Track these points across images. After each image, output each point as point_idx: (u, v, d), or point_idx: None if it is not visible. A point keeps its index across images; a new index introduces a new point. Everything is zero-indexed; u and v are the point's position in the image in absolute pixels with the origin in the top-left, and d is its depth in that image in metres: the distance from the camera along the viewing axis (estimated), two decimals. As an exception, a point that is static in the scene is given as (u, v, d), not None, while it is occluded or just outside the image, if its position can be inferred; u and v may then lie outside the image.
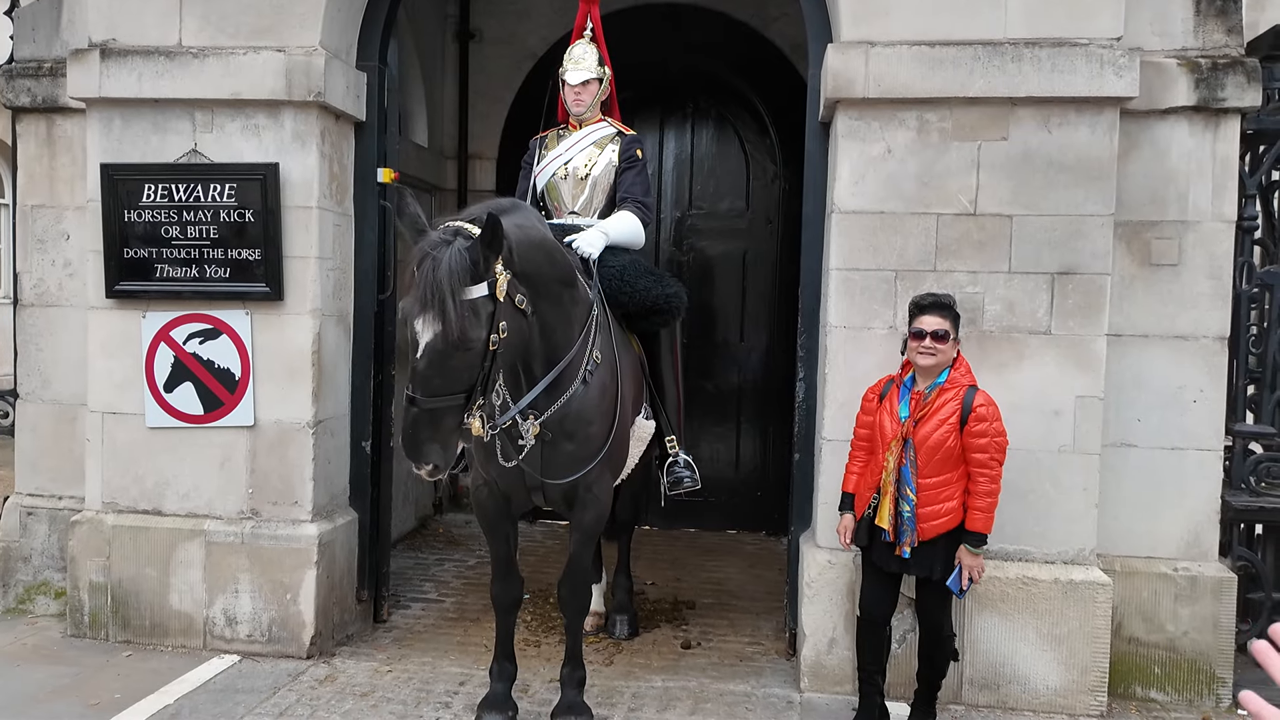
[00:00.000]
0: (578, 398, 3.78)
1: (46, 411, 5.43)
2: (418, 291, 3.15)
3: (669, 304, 4.52)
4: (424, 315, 3.14)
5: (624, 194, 4.62)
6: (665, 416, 4.59)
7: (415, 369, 3.18)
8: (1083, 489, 4.37)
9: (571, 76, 4.63)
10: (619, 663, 4.87)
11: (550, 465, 3.84)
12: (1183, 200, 4.54)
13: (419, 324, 3.16)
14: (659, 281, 4.56)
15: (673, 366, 4.73)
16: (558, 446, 3.81)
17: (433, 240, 3.21)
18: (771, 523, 7.30)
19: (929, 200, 4.37)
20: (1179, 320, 4.57)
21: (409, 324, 3.21)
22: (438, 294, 3.10)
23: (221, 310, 4.83)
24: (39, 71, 5.31)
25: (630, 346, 4.39)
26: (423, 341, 3.15)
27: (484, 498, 4.07)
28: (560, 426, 3.77)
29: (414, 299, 3.17)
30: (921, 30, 4.32)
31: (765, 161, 7.52)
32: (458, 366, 3.19)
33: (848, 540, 4.00)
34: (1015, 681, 4.37)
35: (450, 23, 7.68)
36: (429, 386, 3.17)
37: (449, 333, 3.12)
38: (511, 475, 3.89)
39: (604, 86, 4.71)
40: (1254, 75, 4.45)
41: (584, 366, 3.79)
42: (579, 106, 4.63)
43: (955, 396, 3.75)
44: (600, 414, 3.89)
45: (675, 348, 4.78)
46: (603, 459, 3.94)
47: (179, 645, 4.86)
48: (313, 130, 4.75)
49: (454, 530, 7.37)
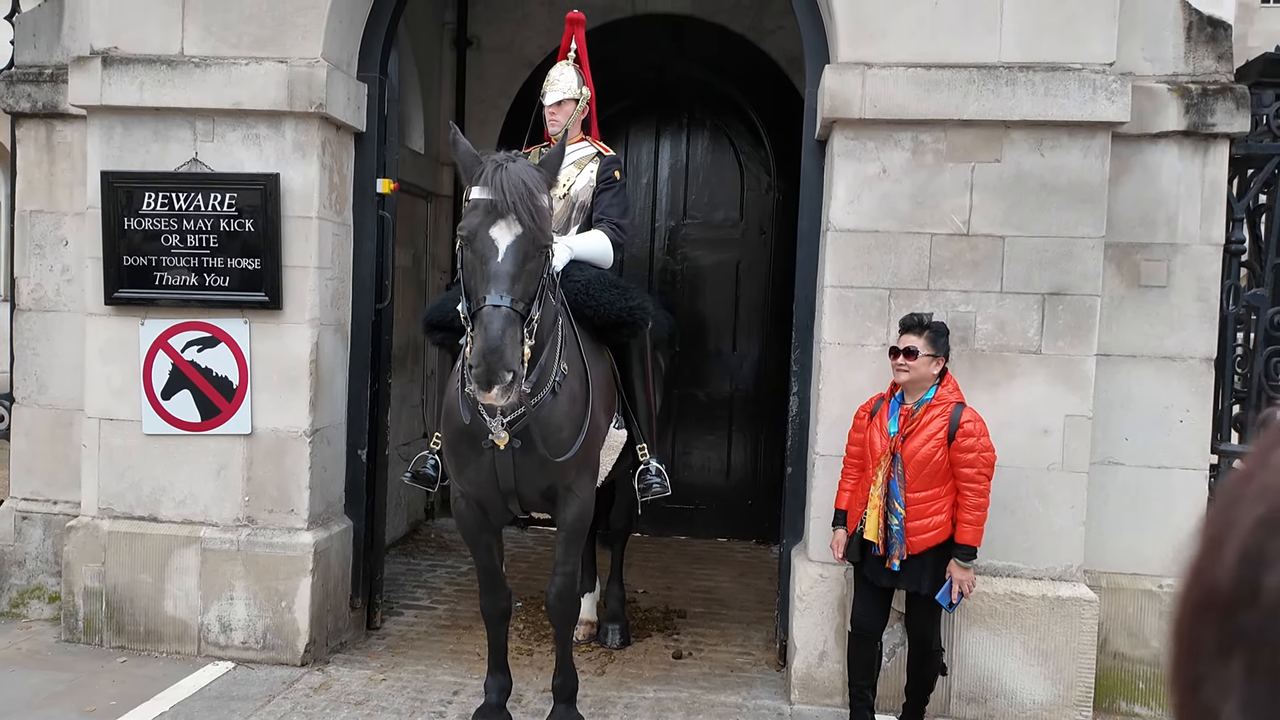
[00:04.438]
0: (547, 405, 3.81)
1: (42, 416, 5.44)
2: (496, 195, 3.34)
3: (633, 316, 4.51)
4: (506, 217, 3.34)
5: (600, 214, 4.66)
6: (637, 426, 4.62)
7: (495, 273, 3.31)
8: (1070, 506, 4.44)
9: (548, 97, 4.70)
10: (611, 672, 4.92)
11: (523, 470, 3.87)
12: (1172, 223, 4.62)
13: (499, 227, 3.35)
14: (623, 295, 4.53)
15: (643, 377, 4.74)
16: (529, 453, 3.82)
17: (499, 156, 3.45)
18: (762, 531, 7.36)
19: (923, 220, 4.43)
20: (1167, 341, 4.65)
21: (483, 231, 3.37)
22: (521, 194, 3.32)
23: (220, 318, 4.85)
24: (40, 77, 5.32)
25: (602, 358, 4.42)
26: (504, 243, 3.35)
27: (462, 509, 4.10)
28: (527, 434, 3.76)
29: (488, 206, 3.36)
30: (917, 53, 4.38)
31: (759, 172, 7.58)
32: (532, 271, 3.39)
33: (841, 555, 4.06)
34: (1002, 696, 4.44)
35: (448, 30, 7.71)
36: (511, 286, 3.31)
37: (531, 230, 3.33)
38: (484, 484, 3.92)
39: (581, 107, 4.75)
40: (1243, 101, 4.53)
41: (553, 377, 3.81)
42: (554, 126, 4.68)
43: (943, 413, 3.83)
44: (570, 420, 3.92)
45: (646, 358, 4.79)
46: (576, 460, 3.95)
47: (174, 651, 4.88)
48: (314, 141, 4.78)
49: (446, 535, 7.40)
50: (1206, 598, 0.40)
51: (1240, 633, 0.38)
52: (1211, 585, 0.40)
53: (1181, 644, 0.41)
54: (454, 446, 3.95)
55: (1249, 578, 0.38)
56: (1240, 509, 0.40)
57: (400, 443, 6.77)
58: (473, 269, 3.44)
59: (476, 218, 3.39)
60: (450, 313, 3.98)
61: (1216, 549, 0.41)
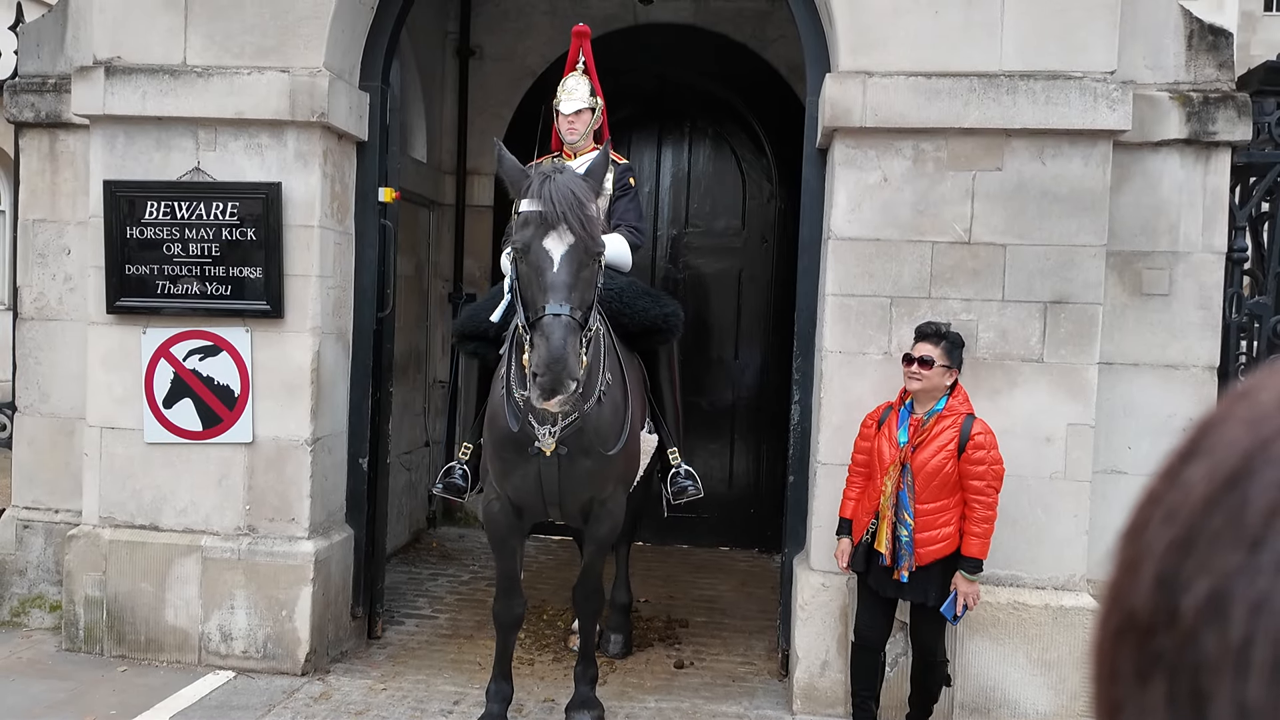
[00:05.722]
0: (593, 416, 3.90)
1: (44, 425, 5.45)
2: (546, 206, 3.40)
3: (667, 323, 4.69)
4: (558, 228, 3.40)
5: (618, 220, 4.76)
6: (666, 429, 4.76)
7: (552, 283, 3.38)
8: (1073, 515, 4.42)
9: (565, 106, 4.75)
10: (613, 682, 4.90)
11: (568, 481, 3.98)
12: (1174, 231, 4.61)
13: (552, 238, 3.42)
14: (656, 302, 4.74)
15: (671, 381, 4.92)
16: (575, 463, 3.93)
17: (546, 168, 3.52)
18: (764, 540, 7.34)
19: (924, 228, 4.43)
20: (1169, 349, 4.64)
21: (537, 243, 3.43)
22: (572, 204, 3.38)
23: (222, 327, 4.86)
24: (43, 87, 5.34)
25: (634, 364, 4.56)
26: (558, 253, 3.41)
27: (495, 511, 4.17)
28: (577, 443, 3.87)
29: (540, 218, 3.42)
30: (918, 61, 4.39)
31: (761, 181, 7.58)
32: (587, 279, 3.46)
33: (845, 564, 4.05)
34: (1005, 706, 4.42)
35: (451, 40, 7.72)
36: (569, 295, 3.38)
37: (583, 239, 3.39)
38: (529, 491, 4.03)
39: (596, 116, 4.84)
40: (1244, 109, 4.53)
41: (598, 386, 3.91)
42: (573, 135, 4.74)
43: (953, 424, 3.82)
44: (614, 431, 4.04)
45: (673, 363, 4.95)
46: (616, 472, 4.12)
47: (174, 661, 4.87)
48: (315, 150, 4.79)
49: (447, 545, 7.39)
50: (1125, 622, 0.40)
51: (1158, 656, 0.38)
52: (1130, 609, 0.40)
53: (1102, 668, 0.41)
54: (499, 453, 4.03)
55: (1166, 602, 0.38)
56: (1152, 532, 0.40)
57: (402, 451, 6.77)
58: (529, 280, 3.52)
59: (530, 230, 3.47)
60: (483, 323, 4.12)
61: (1132, 573, 0.41)
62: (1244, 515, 0.37)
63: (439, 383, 7.70)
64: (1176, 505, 0.40)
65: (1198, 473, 0.40)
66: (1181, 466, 0.41)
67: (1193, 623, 0.37)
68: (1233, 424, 0.40)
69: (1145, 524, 0.41)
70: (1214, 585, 0.37)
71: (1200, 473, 0.40)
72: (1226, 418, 0.40)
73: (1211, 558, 0.37)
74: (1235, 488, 0.38)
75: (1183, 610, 0.38)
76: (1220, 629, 0.36)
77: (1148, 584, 0.39)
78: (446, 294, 7.66)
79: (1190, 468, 0.40)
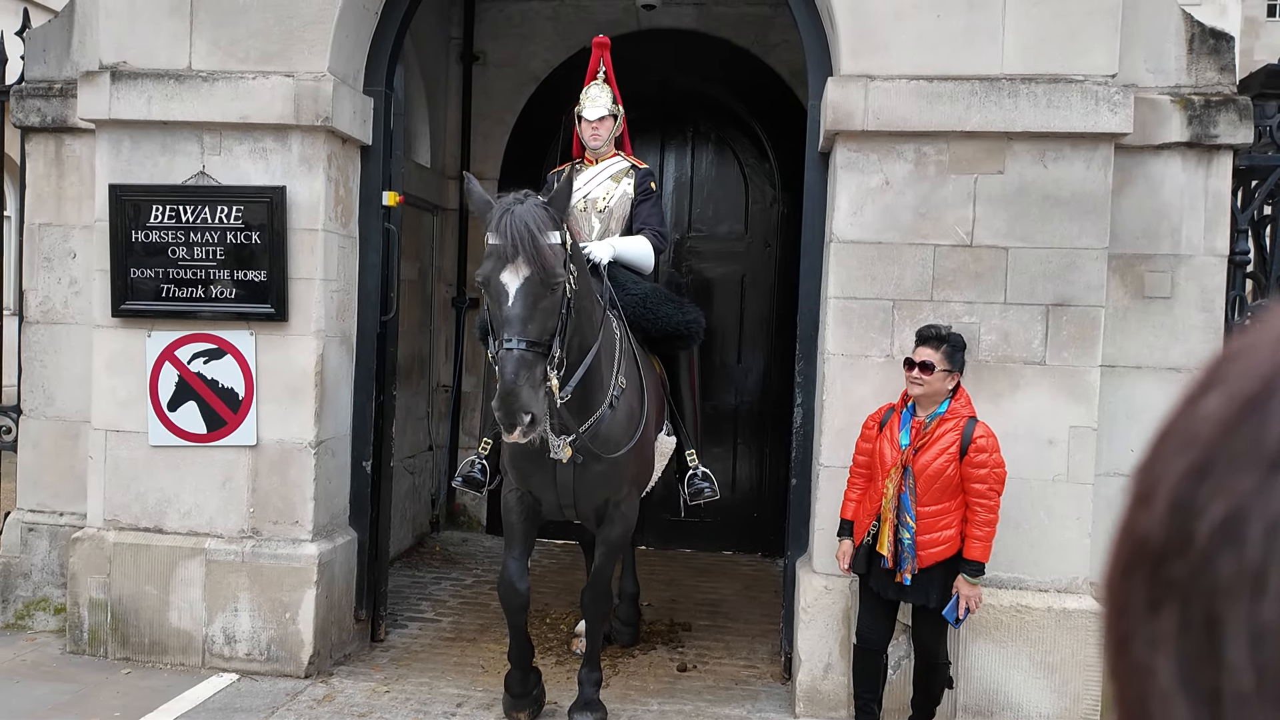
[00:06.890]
0: (606, 421, 3.99)
1: (49, 428, 5.46)
2: (503, 241, 3.46)
3: (689, 329, 4.84)
4: (513, 261, 3.46)
5: (641, 223, 4.84)
6: (685, 432, 4.86)
7: (508, 317, 3.45)
8: (1076, 518, 4.42)
9: (589, 113, 4.84)
10: (615, 685, 4.90)
11: (582, 484, 4.08)
12: (1176, 234, 4.62)
13: (508, 271, 3.48)
14: (679, 308, 4.86)
15: (690, 385, 5.05)
16: (588, 468, 4.03)
17: (507, 200, 3.56)
18: (767, 544, 7.33)
19: (926, 231, 4.44)
20: (1171, 352, 4.64)
21: (495, 277, 3.50)
22: (524, 238, 3.43)
23: (226, 330, 4.88)
24: (49, 92, 5.37)
25: (653, 368, 4.66)
26: (513, 287, 3.47)
27: (513, 501, 4.28)
28: (589, 449, 3.96)
29: (499, 251, 3.48)
30: (920, 65, 4.40)
31: (764, 185, 7.60)
32: (546, 309, 3.50)
33: (846, 566, 4.05)
34: (1008, 709, 4.41)
35: (454, 45, 7.75)
36: (524, 329, 3.43)
37: (538, 271, 3.44)
38: (548, 492, 4.14)
39: (618, 123, 4.93)
40: (1246, 113, 4.54)
41: (610, 391, 3.99)
42: (596, 141, 4.84)
43: (955, 427, 3.82)
44: (627, 436, 4.13)
45: (693, 367, 5.05)
46: (630, 476, 4.21)
47: (178, 663, 4.88)
48: (320, 154, 4.81)
49: (450, 548, 7.39)
50: (1137, 552, 0.39)
51: (1171, 584, 0.37)
52: (1141, 539, 0.39)
53: (1112, 602, 0.40)
54: (515, 462, 4.16)
55: (1180, 527, 0.37)
56: (1167, 462, 0.39)
57: (405, 455, 6.78)
58: (492, 312, 3.65)
59: (489, 264, 3.55)
60: None
61: (1145, 504, 0.40)
62: (1263, 437, 0.36)
63: (442, 387, 7.72)
64: (1193, 433, 0.39)
65: (1215, 400, 0.39)
66: (1199, 396, 0.40)
67: (1207, 547, 0.36)
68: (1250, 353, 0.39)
69: (1160, 456, 0.40)
70: (1230, 508, 0.36)
71: (1218, 400, 0.39)
72: (1242, 350, 0.40)
73: (1228, 481, 0.36)
74: (1255, 410, 0.37)
75: (1197, 535, 0.37)
76: (1236, 552, 0.35)
77: (1161, 511, 0.38)
78: (450, 299, 7.69)
79: (1207, 397, 0.39)
